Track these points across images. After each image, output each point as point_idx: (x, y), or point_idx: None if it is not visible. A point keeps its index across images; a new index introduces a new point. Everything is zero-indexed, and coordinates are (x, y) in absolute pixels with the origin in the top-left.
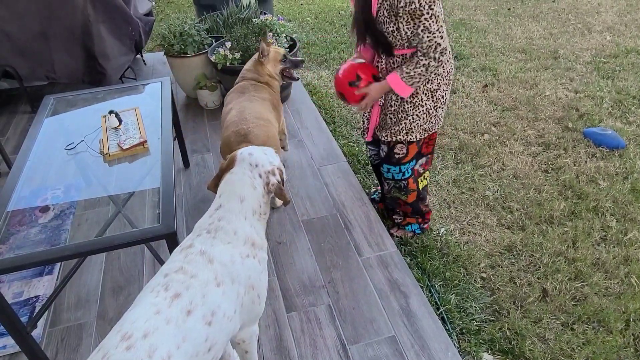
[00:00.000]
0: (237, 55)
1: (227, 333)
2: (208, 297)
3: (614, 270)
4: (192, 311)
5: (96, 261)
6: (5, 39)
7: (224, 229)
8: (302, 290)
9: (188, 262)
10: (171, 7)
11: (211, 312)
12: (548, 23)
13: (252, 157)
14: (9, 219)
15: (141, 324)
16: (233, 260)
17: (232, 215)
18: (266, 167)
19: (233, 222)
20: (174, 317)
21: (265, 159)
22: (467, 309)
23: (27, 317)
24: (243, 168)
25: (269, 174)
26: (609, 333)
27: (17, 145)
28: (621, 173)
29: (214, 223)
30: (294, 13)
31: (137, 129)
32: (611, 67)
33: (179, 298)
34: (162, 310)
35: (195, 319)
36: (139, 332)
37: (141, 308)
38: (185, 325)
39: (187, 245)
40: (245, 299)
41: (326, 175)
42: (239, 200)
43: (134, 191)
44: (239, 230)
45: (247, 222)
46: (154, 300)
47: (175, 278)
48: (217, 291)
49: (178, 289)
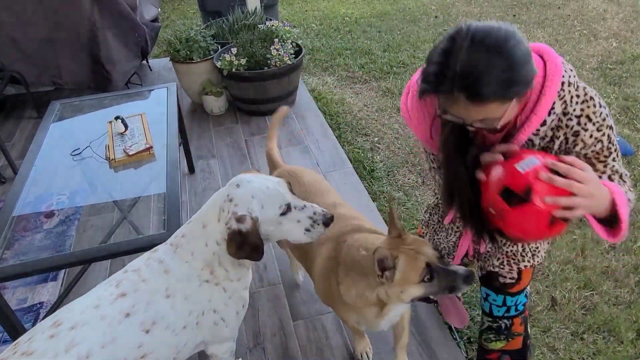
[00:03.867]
0: (243, 61)
1: (171, 345)
2: (152, 306)
3: (624, 279)
4: (131, 315)
5: (101, 267)
6: (12, 45)
7: (182, 247)
8: (309, 298)
9: (147, 265)
10: (177, 13)
11: (152, 321)
12: (553, 29)
13: (237, 190)
14: (14, 225)
15: (76, 314)
16: (189, 279)
17: (193, 236)
18: (239, 211)
19: (192, 243)
20: (110, 315)
21: (246, 200)
22: (475, 318)
23: (31, 324)
24: (221, 194)
25: (233, 217)
26: (619, 343)
27: (23, 150)
28: None
29: (178, 237)
30: (299, 19)
31: (143, 135)
32: (618, 74)
33: (123, 298)
34: (102, 306)
35: (132, 323)
36: (68, 323)
37: (86, 298)
38: (119, 327)
39: (154, 249)
40: (203, 318)
41: (332, 182)
42: (201, 225)
43: (139, 197)
44: (197, 253)
45: (209, 249)
46: (102, 293)
47: (130, 277)
48: (165, 302)
49: (127, 288)
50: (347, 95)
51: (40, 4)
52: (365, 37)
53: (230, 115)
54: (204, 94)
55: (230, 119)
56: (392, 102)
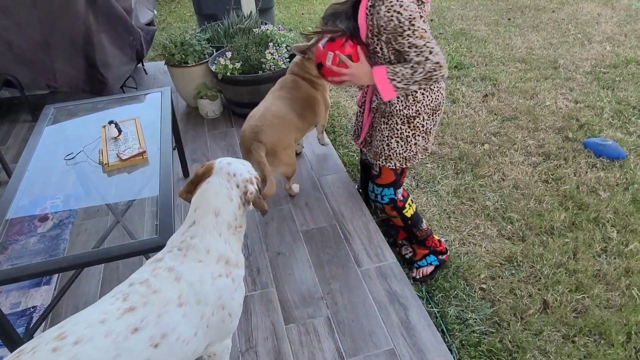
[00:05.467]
0: (238, 65)
1: (179, 357)
2: (164, 317)
3: (615, 282)
4: (139, 329)
5: (94, 272)
6: (7, 48)
7: (195, 247)
8: (301, 301)
9: (154, 275)
10: (173, 17)
11: (162, 334)
12: (548, 33)
13: (231, 167)
14: (8, 228)
15: (81, 328)
16: (202, 280)
17: (206, 232)
18: (244, 175)
19: (206, 240)
20: (116, 332)
21: (243, 169)
22: (467, 321)
23: (24, 328)
24: (220, 177)
25: (247, 182)
26: (610, 346)
27: (17, 154)
28: (622, 184)
29: (186, 241)
30: (295, 23)
31: (137, 139)
32: (611, 77)
33: (131, 312)
34: (108, 321)
35: (140, 338)
36: (72, 337)
37: (91, 311)
38: (124, 344)
39: (157, 259)
40: (212, 319)
41: (326, 186)
42: (213, 215)
43: (132, 201)
44: (212, 249)
45: (222, 239)
46: (108, 307)
47: (138, 290)
48: (177, 312)
49: (135, 302)
50: (342, 98)
51: (35, 8)
52: None
53: (225, 118)
54: (199, 97)
55: (225, 122)
56: None
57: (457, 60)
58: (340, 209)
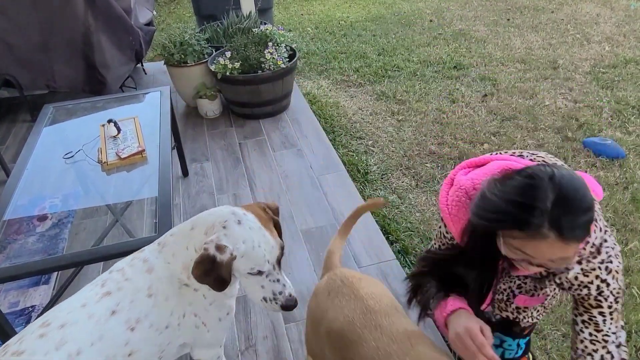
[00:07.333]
0: (237, 64)
1: (155, 344)
2: (136, 304)
3: None
4: (116, 312)
5: (93, 270)
6: (6, 49)
7: (168, 246)
8: (301, 301)
9: (130, 265)
10: (172, 17)
11: (136, 319)
12: (547, 33)
13: (235, 225)
14: (7, 228)
15: (64, 314)
16: (171, 280)
17: (180, 236)
18: (224, 240)
19: (176, 244)
20: (97, 314)
21: (236, 239)
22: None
23: (22, 327)
24: (223, 214)
25: (218, 243)
26: None
27: (16, 153)
28: (621, 183)
29: (167, 236)
30: (294, 23)
31: (136, 138)
32: (610, 77)
33: (108, 296)
34: (89, 305)
35: (118, 321)
36: (57, 322)
37: (73, 298)
38: (106, 325)
39: (141, 250)
40: (183, 320)
41: (325, 185)
42: (190, 227)
43: (132, 200)
44: (177, 255)
45: (188, 254)
46: (88, 293)
47: (114, 277)
48: (147, 301)
49: (111, 288)
50: (342, 98)
51: (34, 9)
52: (360, 41)
53: (224, 118)
54: (198, 97)
55: (224, 122)
56: (386, 106)
57: (456, 61)
58: (340, 208)
